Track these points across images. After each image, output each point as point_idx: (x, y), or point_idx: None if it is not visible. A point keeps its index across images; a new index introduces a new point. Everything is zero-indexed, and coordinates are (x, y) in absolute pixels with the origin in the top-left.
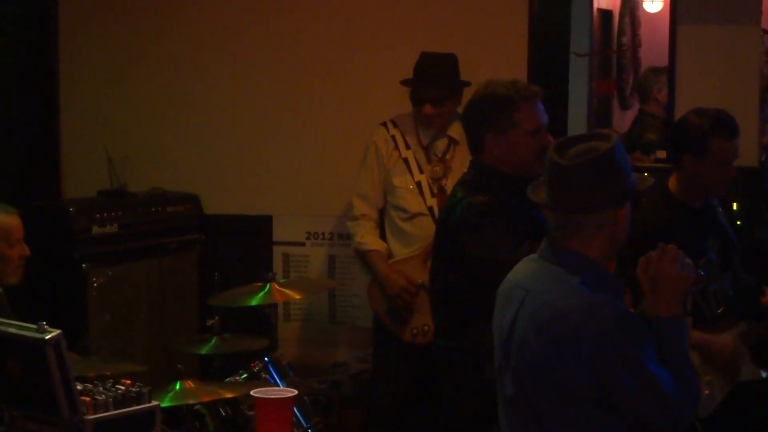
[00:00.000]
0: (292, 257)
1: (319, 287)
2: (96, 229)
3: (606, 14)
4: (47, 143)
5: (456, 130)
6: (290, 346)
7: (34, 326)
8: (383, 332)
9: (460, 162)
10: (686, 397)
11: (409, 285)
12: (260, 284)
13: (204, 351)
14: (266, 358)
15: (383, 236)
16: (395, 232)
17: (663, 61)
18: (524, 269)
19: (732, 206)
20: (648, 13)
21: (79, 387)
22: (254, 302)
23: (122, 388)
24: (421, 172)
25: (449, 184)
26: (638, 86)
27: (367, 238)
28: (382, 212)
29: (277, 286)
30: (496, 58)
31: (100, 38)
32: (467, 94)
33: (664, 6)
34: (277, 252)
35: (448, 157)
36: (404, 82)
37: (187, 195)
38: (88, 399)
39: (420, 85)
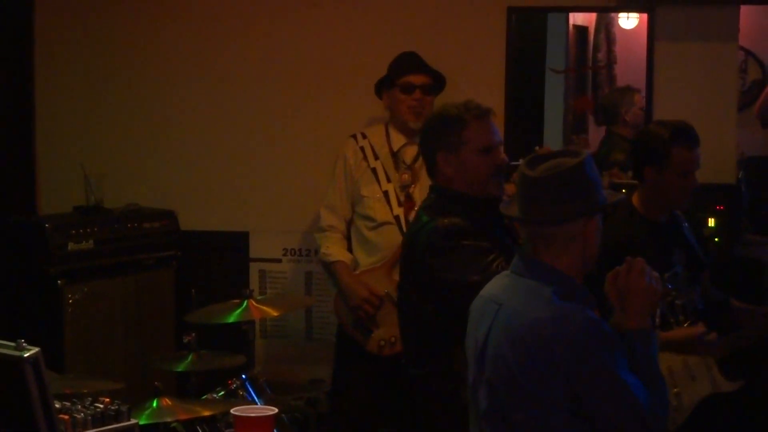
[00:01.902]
0: (268, 274)
1: (297, 304)
2: (72, 245)
3: (581, 30)
4: (23, 159)
5: None
6: (266, 362)
7: (12, 344)
8: (346, 344)
9: None
10: (659, 406)
11: (371, 296)
12: (237, 301)
13: (181, 368)
14: (243, 376)
15: (350, 247)
16: (361, 242)
17: (638, 77)
18: (497, 284)
19: (708, 223)
20: (623, 29)
21: (57, 405)
22: (231, 319)
23: (101, 406)
24: (389, 181)
25: (417, 192)
26: (603, 106)
27: (332, 249)
28: (349, 223)
29: (254, 303)
30: (474, 74)
31: (76, 54)
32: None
33: (640, 22)
34: (254, 268)
35: (416, 165)
36: (391, 74)
37: (164, 211)
38: (66, 417)
39: (409, 71)
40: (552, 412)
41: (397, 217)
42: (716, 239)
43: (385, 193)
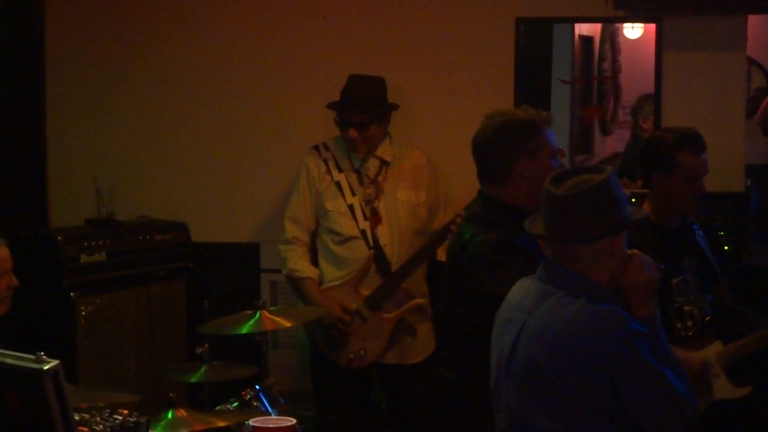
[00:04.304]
0: (279, 285)
1: (309, 314)
2: (84, 258)
3: (587, 40)
4: (35, 172)
5: (387, 152)
6: (278, 373)
7: (32, 356)
8: (319, 358)
9: (393, 184)
10: (691, 393)
11: (343, 314)
12: (250, 312)
13: (194, 379)
14: (257, 386)
15: (315, 259)
16: (328, 256)
17: (642, 86)
18: (522, 292)
19: (718, 231)
20: (628, 39)
21: (76, 417)
22: (245, 330)
23: (120, 418)
24: (354, 194)
25: (381, 206)
26: (633, 112)
27: (300, 264)
28: (313, 234)
29: (267, 314)
30: (483, 84)
31: (87, 67)
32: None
33: (644, 32)
34: (265, 279)
35: (380, 179)
36: (330, 106)
37: (175, 223)
38: (86, 429)
39: (345, 109)
40: (590, 417)
41: (363, 231)
42: (725, 247)
43: (351, 207)
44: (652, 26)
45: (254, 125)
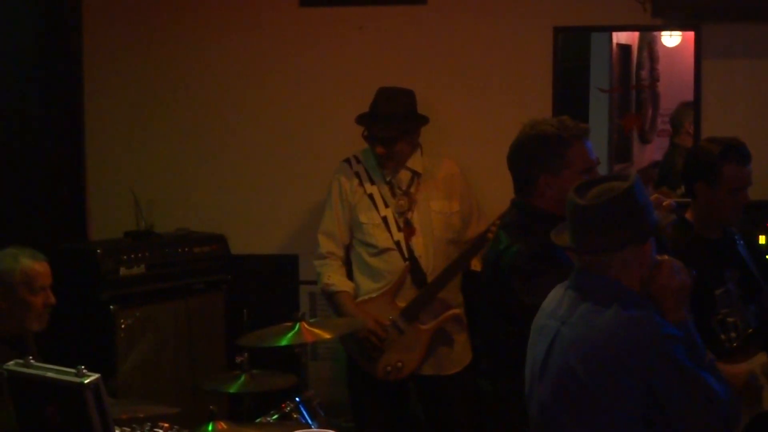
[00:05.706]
0: (318, 297)
1: (349, 326)
2: (123, 271)
3: (625, 49)
4: (74, 185)
5: (418, 163)
6: (317, 385)
7: (73, 370)
8: (356, 371)
9: (425, 194)
10: (730, 395)
11: (377, 327)
12: (290, 324)
13: (233, 389)
14: (297, 399)
15: (350, 272)
16: (363, 268)
17: (681, 94)
18: (556, 300)
19: (758, 239)
20: (666, 47)
21: (117, 431)
22: (284, 342)
23: (160, 431)
24: (387, 206)
25: (414, 217)
26: (672, 119)
27: (335, 278)
28: (348, 248)
29: (306, 326)
30: (521, 94)
31: (125, 81)
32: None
33: (683, 40)
34: (304, 291)
35: (412, 190)
36: (359, 121)
37: (214, 235)
38: None
39: (372, 124)
40: (626, 425)
41: (397, 243)
42: (767, 256)
43: (384, 219)
44: (690, 34)
45: (292, 136)
